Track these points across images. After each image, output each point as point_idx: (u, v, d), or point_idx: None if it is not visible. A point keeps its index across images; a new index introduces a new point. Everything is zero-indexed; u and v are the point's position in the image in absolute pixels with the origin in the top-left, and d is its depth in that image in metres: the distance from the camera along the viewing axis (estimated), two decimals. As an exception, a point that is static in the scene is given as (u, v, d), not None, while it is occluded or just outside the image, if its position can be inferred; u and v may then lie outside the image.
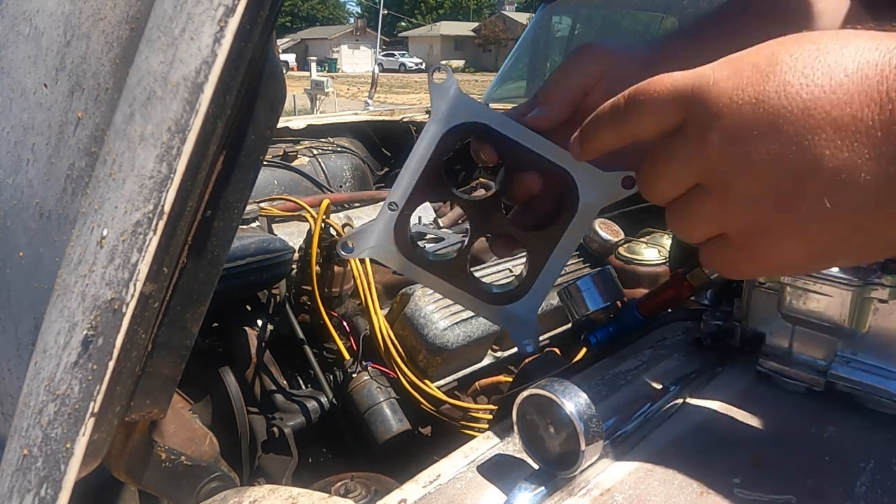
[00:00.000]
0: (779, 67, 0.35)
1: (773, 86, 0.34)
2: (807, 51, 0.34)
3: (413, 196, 0.51)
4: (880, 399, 0.50)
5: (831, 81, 0.33)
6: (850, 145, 0.33)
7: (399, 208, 0.51)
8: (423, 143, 0.50)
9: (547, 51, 2.70)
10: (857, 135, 0.33)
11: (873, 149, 0.32)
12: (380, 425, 1.21)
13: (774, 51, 0.35)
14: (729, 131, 0.35)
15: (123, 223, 0.36)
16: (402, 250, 0.52)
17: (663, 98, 0.38)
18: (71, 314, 0.37)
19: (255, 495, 0.44)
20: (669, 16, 2.37)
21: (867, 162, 0.33)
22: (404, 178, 0.51)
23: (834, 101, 0.33)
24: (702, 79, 0.37)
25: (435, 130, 0.50)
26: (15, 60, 0.43)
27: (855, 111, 0.33)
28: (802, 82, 0.34)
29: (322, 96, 8.75)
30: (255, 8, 0.36)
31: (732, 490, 0.39)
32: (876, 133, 0.32)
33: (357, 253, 0.52)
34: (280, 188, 1.83)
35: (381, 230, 0.52)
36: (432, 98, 0.50)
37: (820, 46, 0.34)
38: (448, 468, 0.44)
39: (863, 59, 0.33)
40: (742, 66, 0.36)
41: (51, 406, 0.37)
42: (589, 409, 0.40)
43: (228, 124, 0.39)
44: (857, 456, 0.43)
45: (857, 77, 0.33)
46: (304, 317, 1.33)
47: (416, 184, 0.51)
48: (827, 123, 0.33)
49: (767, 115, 0.34)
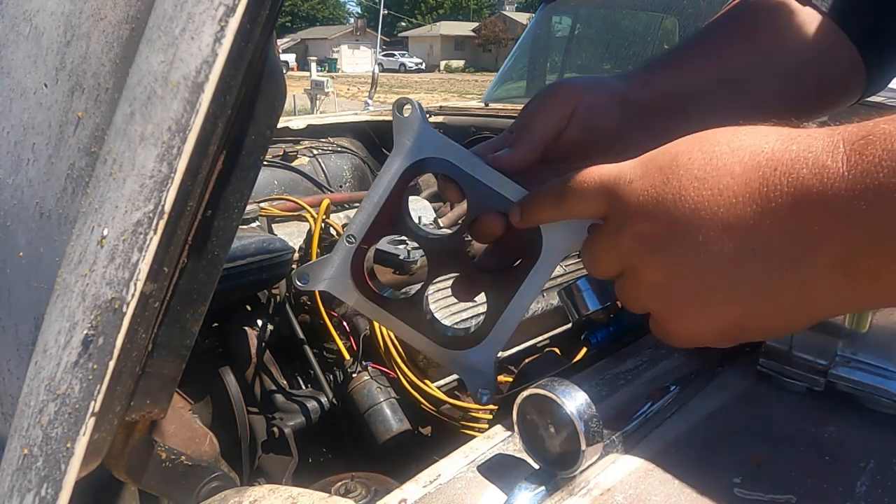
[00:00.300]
0: (678, 171, 0.39)
1: (671, 189, 0.38)
2: (703, 153, 0.38)
3: (371, 231, 0.50)
4: (880, 399, 0.50)
5: (719, 184, 0.37)
6: (737, 242, 0.37)
7: (357, 242, 0.50)
8: (386, 177, 0.49)
9: (547, 51, 2.70)
10: (742, 232, 0.36)
11: (757, 244, 0.36)
12: (380, 425, 1.21)
13: (677, 153, 0.39)
14: (636, 230, 0.40)
15: (124, 223, 0.36)
16: (357, 285, 0.51)
17: (591, 191, 0.43)
18: (71, 314, 0.37)
19: (255, 495, 0.44)
20: (669, 16, 2.37)
21: (751, 255, 0.37)
22: (363, 210, 0.50)
23: (721, 202, 0.37)
24: (621, 177, 0.41)
25: (398, 165, 0.49)
26: (15, 60, 0.43)
27: (739, 212, 0.36)
28: (695, 186, 0.38)
29: (322, 96, 8.75)
30: (256, 8, 0.36)
31: (732, 490, 0.39)
32: (758, 231, 0.36)
33: (312, 285, 0.51)
34: (280, 188, 1.82)
35: (338, 263, 0.50)
36: (396, 131, 0.48)
37: (715, 150, 0.38)
38: (448, 468, 0.44)
39: (750, 163, 0.37)
40: (650, 169, 0.40)
41: (51, 406, 0.37)
42: (589, 409, 0.40)
43: (228, 124, 0.39)
44: (857, 456, 0.43)
45: (742, 180, 0.36)
46: (304, 317, 1.33)
47: (376, 218, 0.49)
48: (714, 223, 0.37)
49: (666, 216, 0.38)
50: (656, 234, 0.39)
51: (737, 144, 0.38)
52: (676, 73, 0.60)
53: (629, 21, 2.63)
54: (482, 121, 2.15)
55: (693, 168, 0.38)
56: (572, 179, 0.44)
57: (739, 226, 0.36)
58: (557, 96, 0.54)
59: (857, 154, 0.33)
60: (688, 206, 0.38)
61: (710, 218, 0.37)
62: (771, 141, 0.37)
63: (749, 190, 0.36)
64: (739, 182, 0.36)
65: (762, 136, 0.38)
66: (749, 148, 0.37)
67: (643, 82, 0.58)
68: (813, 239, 0.35)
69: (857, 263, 0.35)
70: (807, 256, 0.36)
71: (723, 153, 0.38)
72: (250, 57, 0.37)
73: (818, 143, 0.35)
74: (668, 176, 0.39)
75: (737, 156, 0.37)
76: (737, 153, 0.37)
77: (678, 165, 0.39)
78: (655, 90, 0.58)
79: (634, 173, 0.41)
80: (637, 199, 0.40)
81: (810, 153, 0.35)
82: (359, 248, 0.50)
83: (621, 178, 0.41)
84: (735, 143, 0.38)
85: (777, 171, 0.36)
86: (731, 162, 0.37)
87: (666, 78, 0.59)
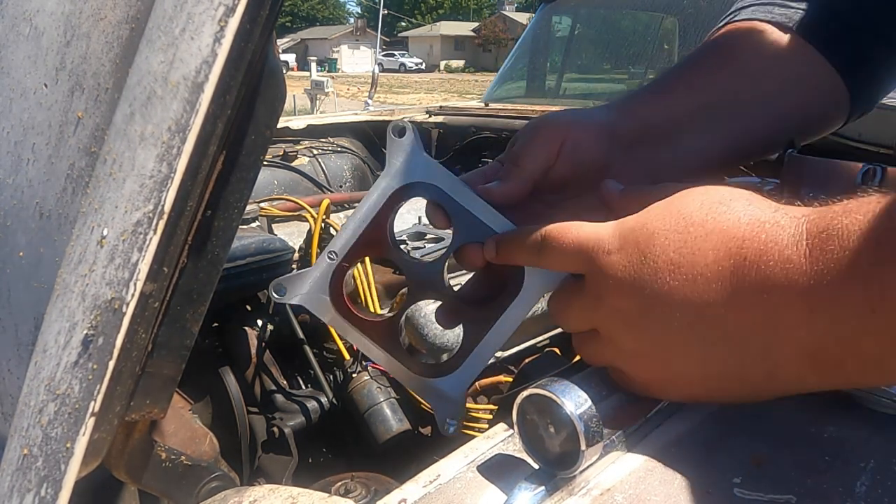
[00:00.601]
0: (654, 251, 0.40)
1: (648, 270, 0.40)
2: (679, 234, 0.40)
3: (353, 249, 0.49)
4: (880, 399, 0.50)
5: (693, 271, 0.38)
6: (709, 328, 0.39)
7: (338, 259, 0.49)
8: (372, 197, 0.49)
9: (547, 51, 2.70)
10: (713, 320, 0.38)
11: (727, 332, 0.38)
12: (380, 425, 1.21)
13: (654, 231, 0.41)
14: (614, 305, 0.42)
15: (124, 223, 0.36)
16: (334, 303, 0.50)
17: (569, 252, 0.43)
18: (71, 314, 0.37)
19: (255, 495, 0.44)
20: (669, 16, 2.37)
21: (722, 342, 0.39)
22: (348, 228, 0.49)
23: (695, 289, 0.38)
24: (599, 245, 0.42)
25: (385, 186, 0.48)
26: (15, 60, 0.43)
27: (711, 299, 0.38)
28: (671, 269, 0.39)
29: (322, 96, 8.75)
30: (255, 8, 0.36)
31: (732, 490, 0.39)
32: (728, 319, 0.38)
33: (289, 298, 0.50)
34: (280, 188, 1.82)
35: (317, 278, 0.50)
36: (389, 152, 0.48)
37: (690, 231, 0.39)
38: (448, 468, 0.44)
39: (722, 249, 0.38)
40: (628, 243, 0.41)
41: (51, 406, 0.37)
42: (589, 410, 0.40)
43: (228, 124, 0.39)
44: (857, 456, 0.43)
45: (715, 268, 0.38)
46: (304, 317, 1.33)
47: (359, 238, 0.49)
48: (688, 308, 0.39)
49: (643, 298, 0.40)
50: (633, 313, 0.41)
51: (710, 227, 0.39)
52: (662, 102, 0.61)
53: (629, 21, 2.63)
54: (482, 121, 2.15)
55: (669, 250, 0.39)
56: (551, 234, 0.44)
57: (712, 313, 0.38)
58: (544, 133, 0.55)
59: (818, 250, 0.35)
60: (664, 289, 0.39)
61: (685, 303, 0.39)
62: (742, 225, 0.38)
63: (721, 279, 0.38)
64: (712, 270, 0.38)
65: (735, 216, 0.39)
66: (721, 233, 0.39)
67: (629, 113, 0.59)
68: (779, 331, 0.37)
69: (821, 355, 0.36)
70: (773, 346, 0.37)
71: (697, 236, 0.39)
72: (250, 57, 0.37)
73: (785, 234, 0.36)
74: (646, 255, 0.40)
75: (710, 241, 0.39)
76: (710, 237, 0.39)
77: (655, 245, 0.40)
78: (641, 120, 0.59)
79: (612, 244, 0.42)
80: (615, 274, 0.41)
81: (776, 245, 0.36)
82: (339, 265, 0.49)
83: (600, 246, 0.42)
84: (709, 224, 0.39)
85: (746, 261, 0.37)
86: (705, 248, 0.39)
87: (652, 107, 0.60)
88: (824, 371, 0.37)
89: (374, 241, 0.49)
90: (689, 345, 0.40)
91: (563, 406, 0.39)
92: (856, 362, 0.35)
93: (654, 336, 0.41)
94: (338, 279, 0.50)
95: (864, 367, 0.36)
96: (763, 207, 0.39)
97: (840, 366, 0.36)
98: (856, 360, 0.35)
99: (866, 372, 0.37)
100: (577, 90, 2.70)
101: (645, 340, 0.41)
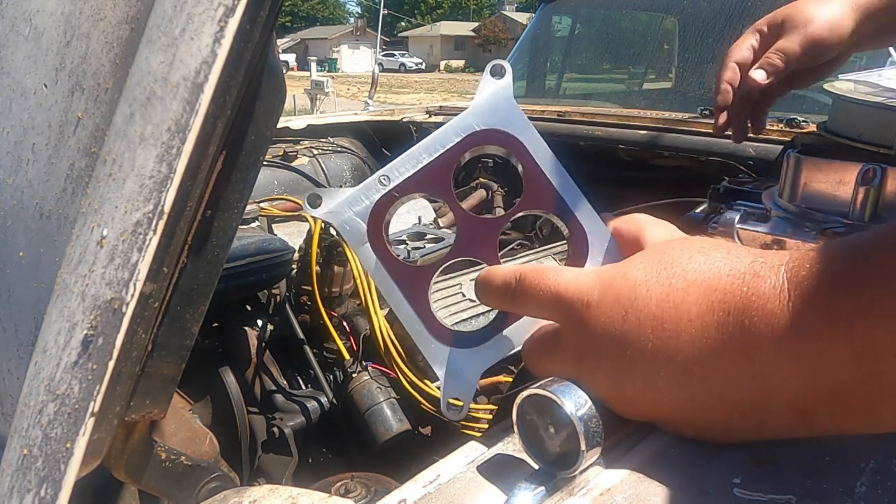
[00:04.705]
0: (636, 304, 0.39)
1: (630, 326, 0.39)
2: (661, 286, 0.39)
3: (410, 181, 0.44)
4: (880, 399, 0.50)
5: (677, 327, 0.37)
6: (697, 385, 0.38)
7: (389, 186, 0.44)
8: (448, 132, 0.45)
9: (547, 51, 2.70)
10: (701, 377, 0.37)
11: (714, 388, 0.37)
12: (380, 425, 1.21)
13: (635, 283, 0.40)
14: (596, 364, 0.41)
15: (123, 223, 0.36)
16: (371, 233, 0.45)
17: (545, 300, 0.42)
18: (71, 314, 0.37)
19: (255, 495, 0.44)
20: (669, 16, 2.37)
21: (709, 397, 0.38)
22: (410, 157, 0.45)
23: (680, 346, 0.37)
24: (578, 297, 0.41)
25: (466, 123, 0.44)
26: (15, 60, 0.43)
27: (697, 355, 0.37)
28: (654, 325, 0.38)
29: (322, 96, 8.75)
30: (255, 8, 0.36)
31: (732, 490, 0.39)
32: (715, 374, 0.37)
33: (321, 213, 0.45)
34: (280, 188, 1.83)
35: (360, 201, 0.45)
36: (479, 91, 0.44)
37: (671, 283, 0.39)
38: (448, 468, 0.44)
39: (705, 303, 0.37)
40: (608, 296, 0.40)
41: (51, 406, 0.37)
42: (589, 410, 0.40)
43: (228, 124, 0.39)
44: (857, 456, 0.43)
45: (699, 323, 0.37)
46: (304, 317, 1.33)
47: (420, 171, 0.44)
48: (674, 365, 0.38)
49: (626, 357, 0.39)
50: (616, 371, 0.40)
51: (692, 277, 0.38)
52: None
53: (629, 21, 2.62)
54: (482, 121, 2.14)
55: (651, 304, 0.38)
56: (526, 279, 0.43)
57: (699, 371, 0.37)
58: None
59: (800, 301, 0.34)
60: (648, 346, 0.38)
61: (670, 360, 0.38)
62: (723, 276, 0.37)
63: (705, 335, 0.37)
64: (696, 325, 0.37)
65: (715, 267, 0.38)
66: (702, 284, 0.38)
67: None
68: (767, 384, 0.36)
69: (811, 407, 0.36)
70: (762, 400, 0.37)
71: (678, 288, 0.38)
72: (250, 57, 0.37)
73: (765, 285, 0.35)
74: (627, 310, 0.39)
75: (692, 293, 0.38)
76: (692, 289, 0.38)
77: (636, 298, 0.39)
78: None
79: (591, 296, 0.40)
80: (595, 330, 0.40)
81: (758, 298, 0.35)
82: (389, 194, 0.44)
83: (578, 298, 0.41)
84: (690, 274, 0.38)
85: (730, 315, 0.36)
86: (688, 301, 0.38)
87: None
88: (814, 422, 0.37)
89: (434, 180, 0.45)
90: (678, 401, 0.39)
91: (563, 406, 0.39)
92: (846, 412, 0.35)
93: (637, 391, 0.40)
94: (382, 208, 0.45)
95: (854, 417, 0.36)
96: (742, 256, 0.38)
97: (830, 417, 0.36)
98: (846, 411, 0.35)
99: (857, 421, 0.36)
100: (577, 90, 2.71)
101: (628, 394, 0.41)
